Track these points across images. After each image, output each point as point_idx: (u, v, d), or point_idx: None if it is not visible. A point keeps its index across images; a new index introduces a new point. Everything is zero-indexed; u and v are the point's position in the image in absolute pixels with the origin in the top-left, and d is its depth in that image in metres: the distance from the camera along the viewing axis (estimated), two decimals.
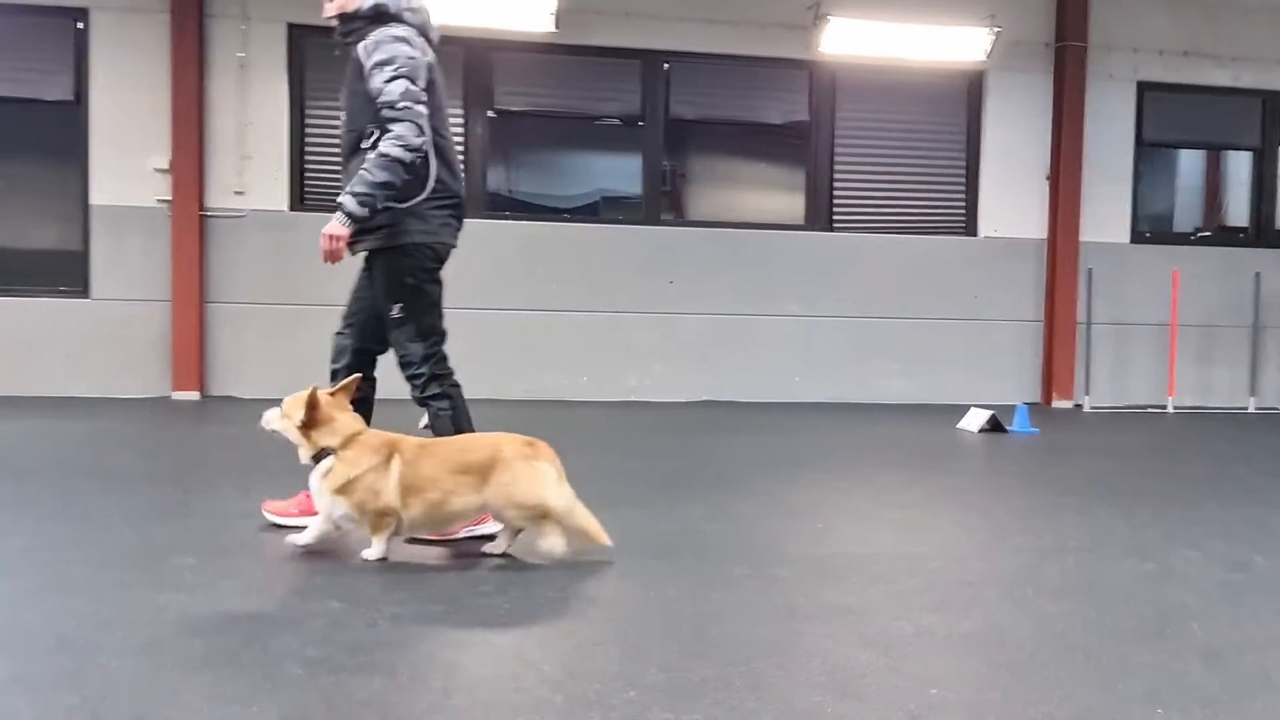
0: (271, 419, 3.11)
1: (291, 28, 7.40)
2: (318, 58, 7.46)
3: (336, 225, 3.23)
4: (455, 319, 3.64)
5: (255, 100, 7.39)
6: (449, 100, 3.60)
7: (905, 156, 8.36)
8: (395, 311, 3.39)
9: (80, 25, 7.18)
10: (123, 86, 7.21)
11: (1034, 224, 8.40)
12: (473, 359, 7.69)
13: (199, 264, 7.28)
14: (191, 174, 7.23)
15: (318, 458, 3.03)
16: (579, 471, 3.28)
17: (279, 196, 7.43)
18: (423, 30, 3.40)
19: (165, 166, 7.22)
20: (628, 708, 2.01)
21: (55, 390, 7.11)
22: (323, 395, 3.07)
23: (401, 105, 3.19)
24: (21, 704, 1.97)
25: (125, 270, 7.27)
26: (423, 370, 3.41)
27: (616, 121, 8.01)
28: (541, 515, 3.02)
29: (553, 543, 3.03)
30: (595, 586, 2.90)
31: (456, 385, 3.48)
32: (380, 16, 3.31)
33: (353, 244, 3.33)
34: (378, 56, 3.23)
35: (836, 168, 8.23)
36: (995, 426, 6.54)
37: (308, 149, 7.52)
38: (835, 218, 8.25)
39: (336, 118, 3.47)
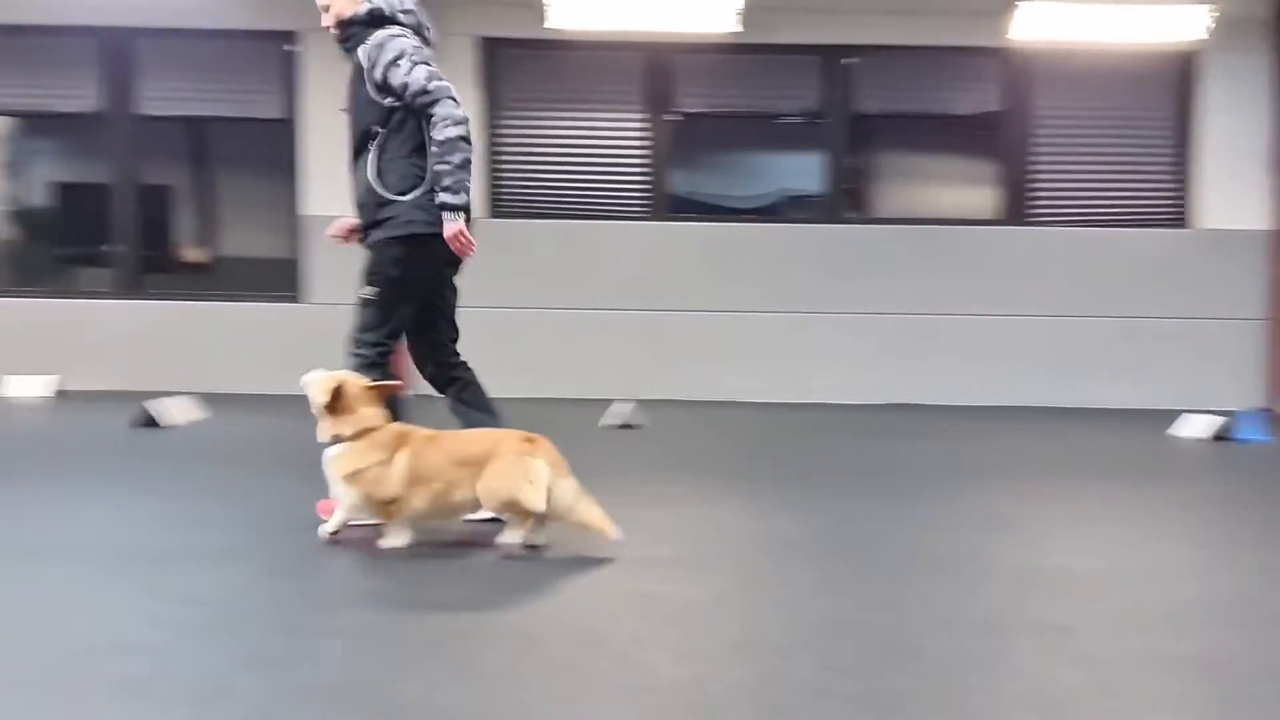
0: (309, 382, 3.20)
1: (482, 40, 7.68)
2: (507, 69, 7.73)
3: (451, 224, 3.35)
4: (637, 321, 3.66)
5: None
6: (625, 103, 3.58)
7: (1107, 146, 7.85)
8: (366, 294, 3.45)
9: (287, 47, 7.70)
10: (326, 103, 7.68)
11: (1256, 215, 7.72)
12: (653, 360, 7.88)
13: None
14: None
15: (334, 441, 3.14)
16: (761, 474, 3.25)
17: (475, 205, 7.74)
18: (417, 30, 3.51)
19: None
20: (821, 719, 1.97)
21: (268, 388, 7.65)
22: (353, 386, 3.16)
23: (432, 86, 3.32)
24: (243, 681, 2.12)
25: (336, 277, 7.73)
26: (368, 354, 3.44)
27: (798, 119, 7.91)
28: (512, 508, 3.04)
29: (511, 536, 3.10)
30: (781, 591, 2.86)
31: (398, 380, 3.49)
32: (376, 20, 3.44)
33: (364, 238, 3.46)
34: (387, 55, 3.34)
35: (1032, 159, 7.83)
36: (1224, 434, 6.02)
37: (499, 159, 7.79)
38: (1030, 211, 7.85)
39: (528, 127, 3.57)
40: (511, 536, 3.13)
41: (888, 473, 4.79)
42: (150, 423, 5.74)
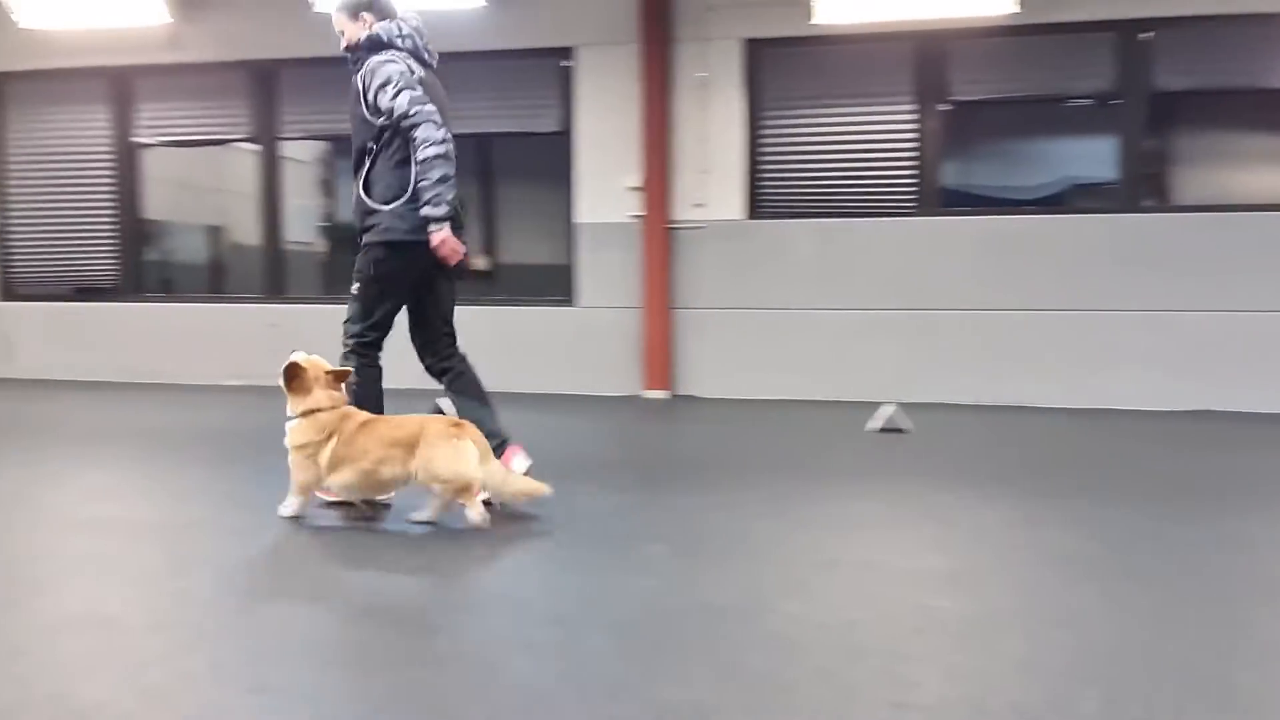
0: (291, 358, 3.60)
1: (747, 43, 7.71)
2: (769, 69, 7.71)
3: (437, 235, 3.73)
4: (904, 320, 3.51)
5: (714, 116, 7.81)
6: None
7: None
8: (353, 289, 3.91)
9: (564, 63, 8.08)
10: (601, 115, 7.99)
11: None
12: (921, 362, 7.57)
13: (666, 273, 7.86)
14: (659, 190, 7.82)
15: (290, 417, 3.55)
16: (1038, 484, 3.02)
17: (735, 206, 7.79)
18: (414, 54, 3.90)
19: (637, 185, 7.89)
20: None
21: (547, 388, 8.08)
22: (311, 370, 3.54)
23: (413, 111, 3.69)
24: (520, 664, 2.23)
25: (604, 280, 8.05)
26: (349, 343, 3.89)
27: (1087, 101, 7.34)
28: (463, 488, 3.39)
29: (475, 514, 3.41)
30: (1063, 611, 2.65)
31: (374, 368, 3.92)
32: (375, 46, 3.85)
33: (361, 241, 3.87)
34: (377, 80, 3.75)
35: None
36: None
37: (760, 159, 7.79)
38: None
39: (791, 127, 3.53)
40: (475, 515, 3.43)
41: (1191, 487, 4.32)
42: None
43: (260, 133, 8.61)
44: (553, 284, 8.32)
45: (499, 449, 3.80)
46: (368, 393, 3.87)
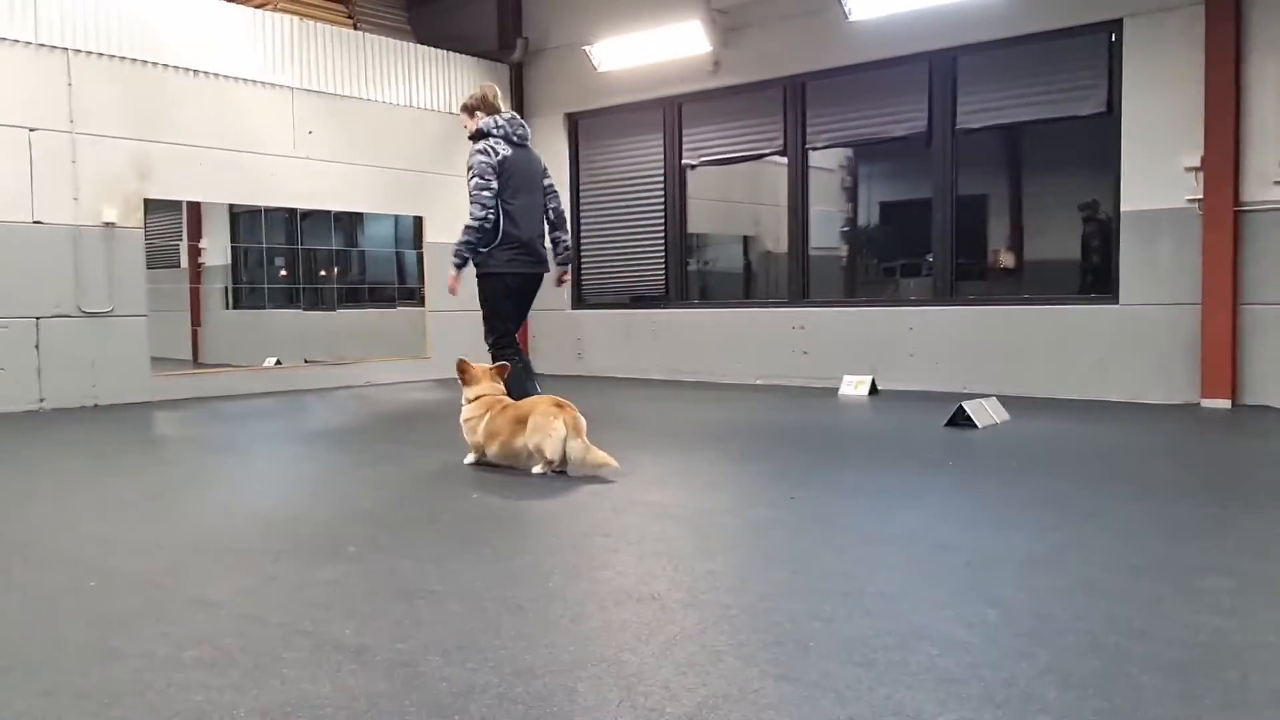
0: (459, 358, 4.94)
1: None
2: None
3: (450, 275, 5.52)
4: None
5: None
6: None
7: None
8: (482, 309, 5.62)
9: (1114, 37, 7.32)
10: (1154, 89, 7.12)
11: None
12: None
13: (1233, 263, 6.78)
14: (1225, 169, 6.77)
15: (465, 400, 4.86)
16: None
17: None
18: (506, 139, 5.46)
19: (1196, 164, 6.90)
20: None
21: (1085, 393, 7.39)
22: (477, 366, 4.86)
23: (473, 195, 5.36)
24: (1052, 696, 2.01)
25: (1153, 274, 7.17)
26: (489, 344, 5.61)
27: None
28: (538, 453, 4.44)
29: (536, 469, 4.51)
30: None
31: (521, 360, 5.59)
32: (479, 135, 5.47)
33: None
34: (469, 162, 5.41)
35: None
36: None
37: None
38: None
39: None
40: (537, 469, 4.48)
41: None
42: (963, 422, 5.95)
43: (790, 145, 8.99)
44: (1090, 279, 7.61)
45: None
46: (515, 375, 5.27)
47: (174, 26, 8.20)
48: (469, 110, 5.58)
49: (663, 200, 9.90)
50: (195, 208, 10.22)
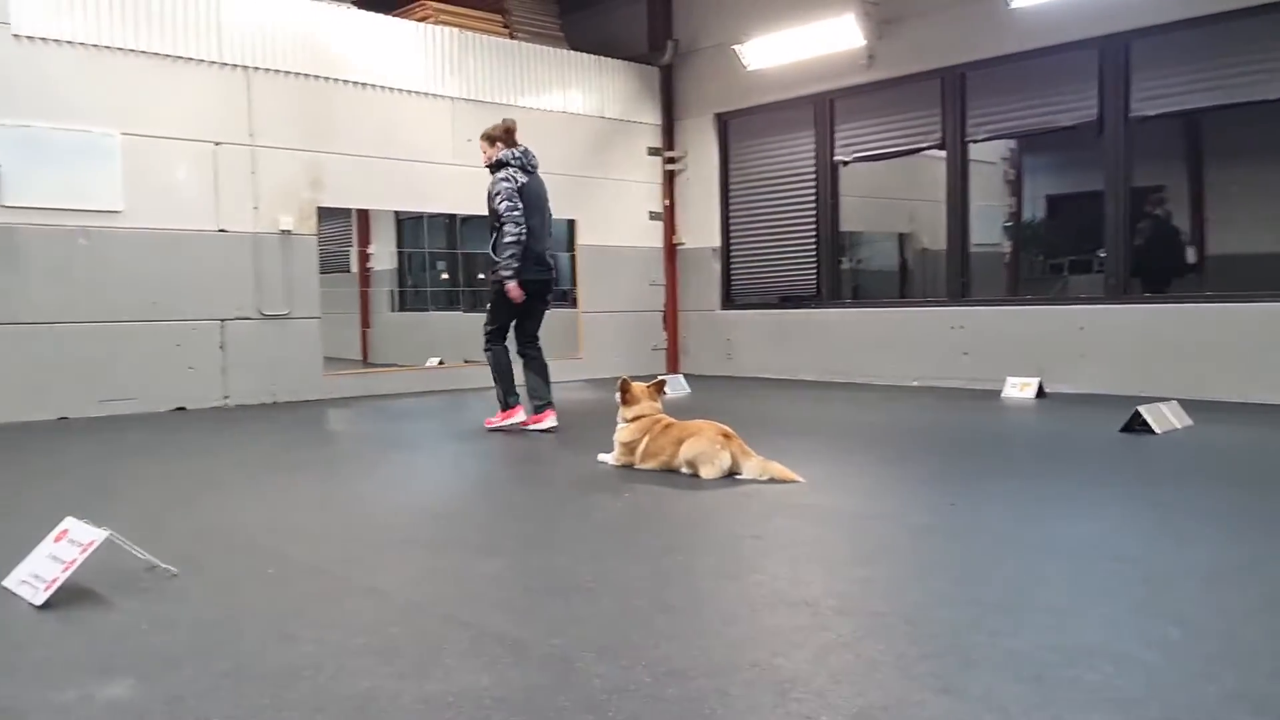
0: (621, 377, 4.95)
1: None
2: None
3: (508, 284, 6.10)
4: None
5: None
6: None
7: None
8: (488, 305, 6.39)
9: None
10: None
11: None
12: None
13: None
14: None
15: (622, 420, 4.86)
16: None
17: None
18: (522, 168, 6.17)
19: None
20: None
21: (1277, 398, 6.86)
22: (637, 386, 4.84)
23: (505, 213, 6.05)
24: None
25: None
26: (485, 332, 6.36)
27: None
28: (692, 467, 4.48)
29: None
30: None
31: (503, 349, 6.35)
32: (499, 165, 6.18)
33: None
34: (494, 189, 6.14)
35: None
36: None
37: None
38: None
39: None
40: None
41: None
42: (1139, 427, 5.61)
43: (949, 138, 8.70)
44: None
45: (541, 408, 6.23)
46: (501, 362, 6.31)
47: (344, 43, 8.62)
48: (491, 140, 6.24)
49: (814, 198, 9.76)
50: (364, 215, 10.73)
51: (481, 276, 10.43)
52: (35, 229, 7.09)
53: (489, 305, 6.40)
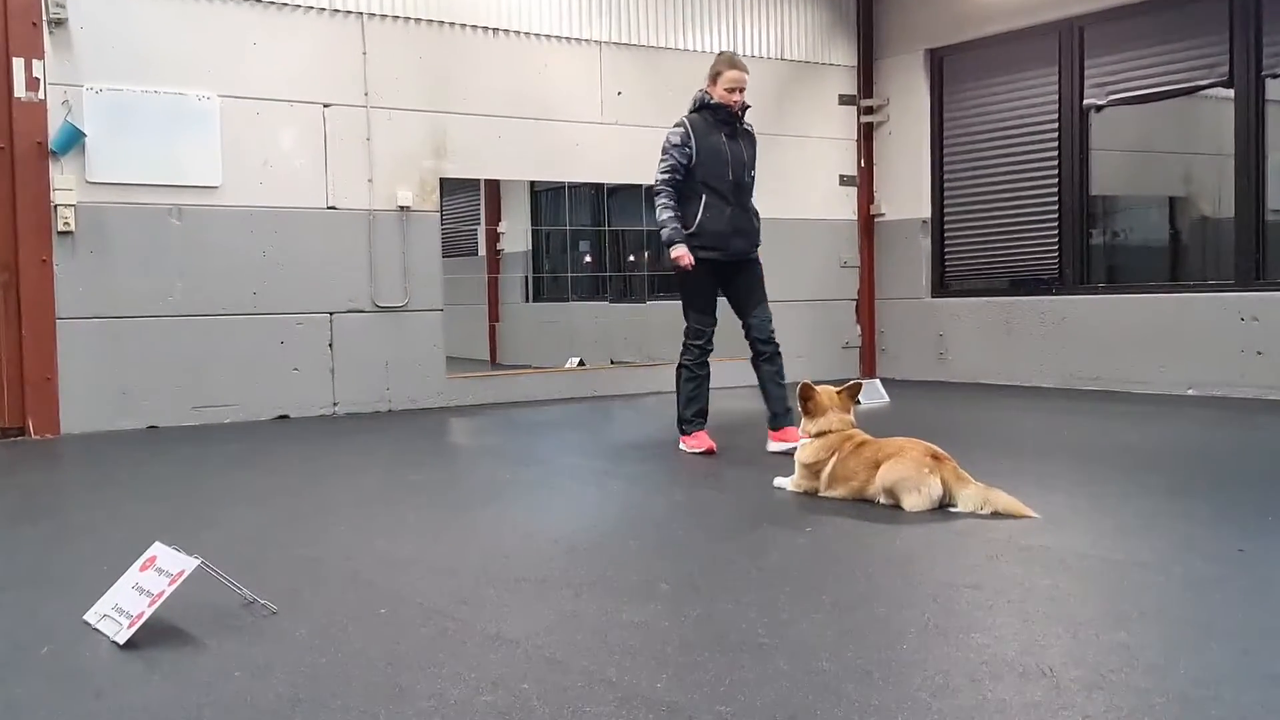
0: (804, 381, 4.92)
1: None
2: None
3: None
4: None
5: None
6: None
7: None
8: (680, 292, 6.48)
9: None
10: None
11: None
12: None
13: None
14: None
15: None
16: None
17: None
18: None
19: None
20: None
21: None
22: (824, 393, 4.78)
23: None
24: None
25: None
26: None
27: None
28: (890, 495, 4.45)
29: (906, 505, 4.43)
30: None
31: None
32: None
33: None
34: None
35: None
36: None
37: None
38: None
39: None
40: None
41: None
42: None
43: (1239, 72, 8.27)
44: None
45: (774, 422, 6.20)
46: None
47: None
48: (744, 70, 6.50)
49: (1056, 154, 9.45)
50: (494, 187, 11.02)
51: (632, 259, 10.56)
52: (123, 209, 7.61)
53: (680, 293, 6.51)
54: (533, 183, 10.82)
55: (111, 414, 7.54)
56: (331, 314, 8.36)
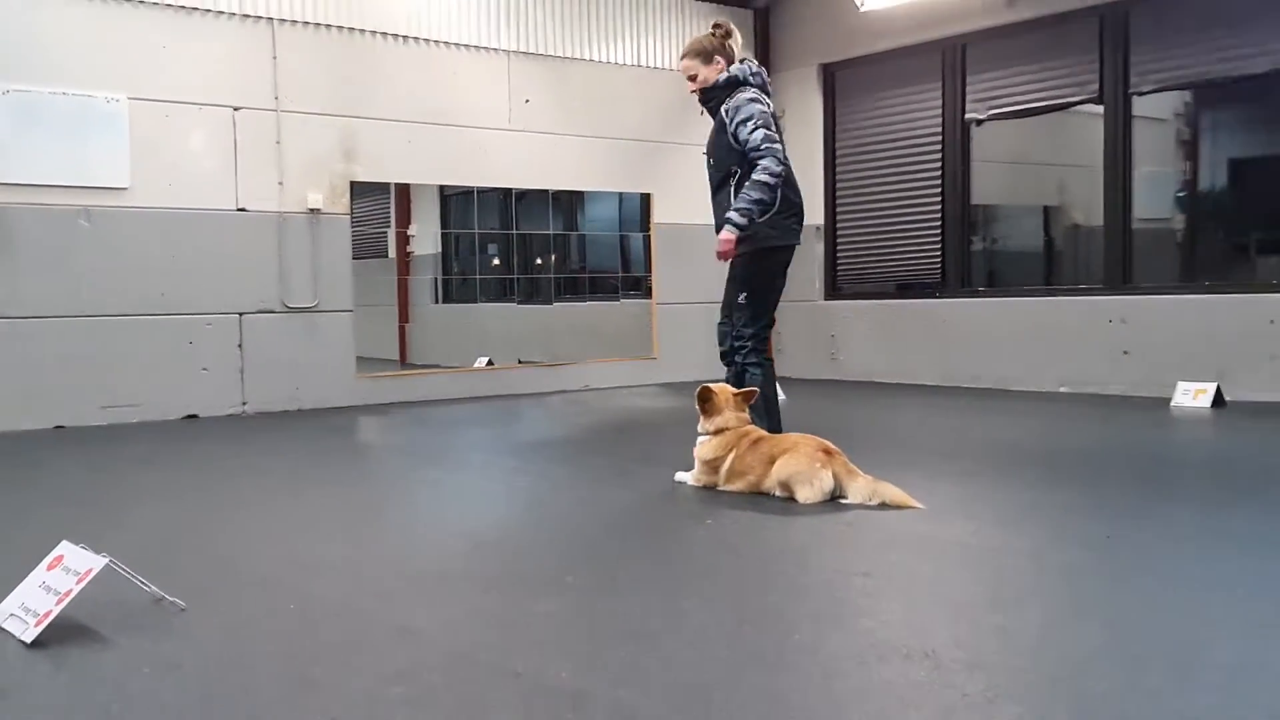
0: (703, 385, 4.86)
1: None
2: None
3: (726, 234, 5.10)
4: None
5: None
6: None
7: None
8: (741, 299, 5.32)
9: None
10: None
11: None
12: None
13: None
14: None
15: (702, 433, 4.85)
16: None
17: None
18: (763, 88, 5.23)
19: None
20: None
21: None
22: (721, 393, 4.77)
23: (765, 146, 5.03)
24: None
25: None
26: (748, 345, 5.30)
27: None
28: (785, 489, 4.47)
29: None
30: None
31: (770, 361, 5.42)
32: (734, 84, 5.21)
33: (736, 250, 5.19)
34: (740, 115, 5.09)
35: None
36: None
37: None
38: None
39: None
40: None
41: None
42: None
43: (1108, 90, 8.52)
44: None
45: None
46: (770, 380, 5.35)
47: None
48: (705, 55, 5.23)
49: (939, 165, 9.64)
50: (404, 190, 10.90)
51: (539, 262, 10.53)
52: (29, 209, 7.37)
53: (744, 298, 5.35)
54: (442, 187, 10.71)
55: (17, 414, 7.30)
56: (241, 314, 8.20)
